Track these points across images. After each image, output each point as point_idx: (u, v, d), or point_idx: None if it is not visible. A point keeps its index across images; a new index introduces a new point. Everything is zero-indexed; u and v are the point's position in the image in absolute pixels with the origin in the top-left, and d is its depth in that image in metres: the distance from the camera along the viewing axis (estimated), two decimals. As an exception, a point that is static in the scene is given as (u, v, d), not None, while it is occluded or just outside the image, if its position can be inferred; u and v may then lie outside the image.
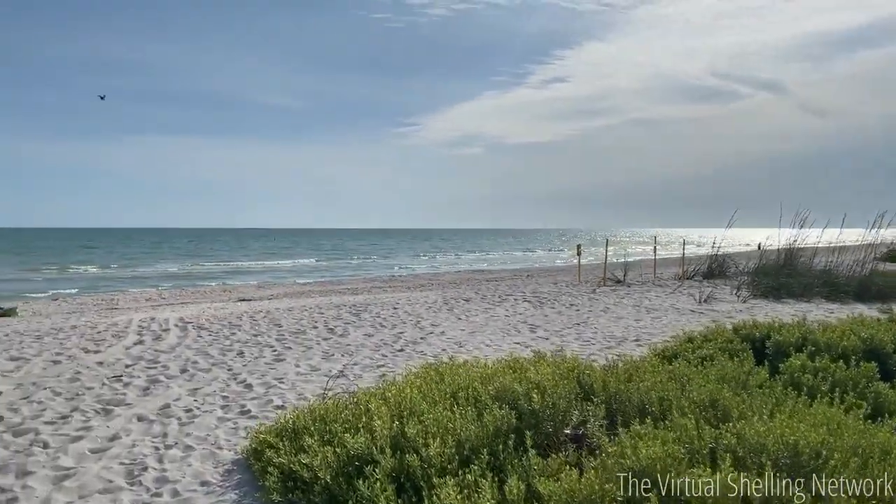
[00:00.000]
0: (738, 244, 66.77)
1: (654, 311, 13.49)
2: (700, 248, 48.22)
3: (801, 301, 15.20)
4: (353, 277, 40.59)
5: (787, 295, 15.75)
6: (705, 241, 74.95)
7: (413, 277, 38.47)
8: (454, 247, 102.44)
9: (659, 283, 20.13)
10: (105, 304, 25.42)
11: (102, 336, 10.74)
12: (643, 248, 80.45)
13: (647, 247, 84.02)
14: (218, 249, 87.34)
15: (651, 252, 69.62)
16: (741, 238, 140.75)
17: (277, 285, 35.12)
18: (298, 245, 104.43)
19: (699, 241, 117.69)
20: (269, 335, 10.77)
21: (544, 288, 18.96)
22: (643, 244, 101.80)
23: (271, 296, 26.16)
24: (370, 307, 14.36)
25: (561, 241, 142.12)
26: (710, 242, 33.29)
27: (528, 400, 4.55)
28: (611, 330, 11.05)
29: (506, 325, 11.59)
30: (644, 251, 70.78)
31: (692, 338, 8.31)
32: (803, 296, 15.71)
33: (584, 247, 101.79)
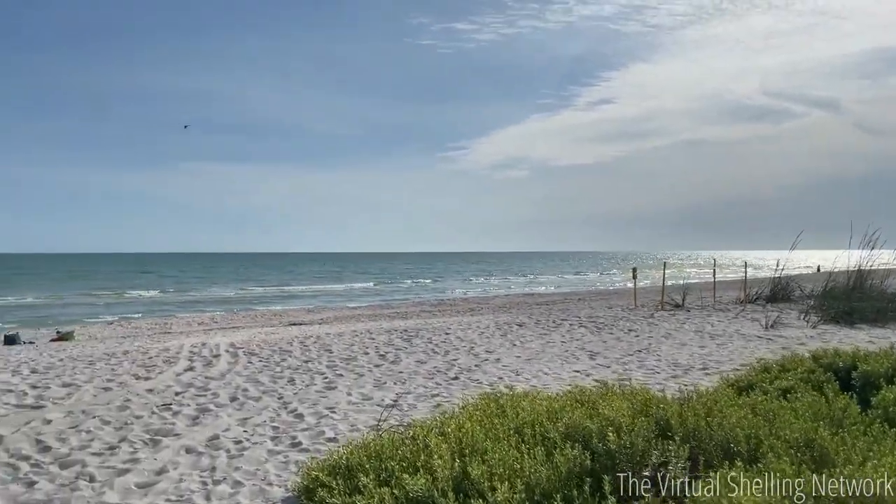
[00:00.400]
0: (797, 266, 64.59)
1: (719, 337, 12.85)
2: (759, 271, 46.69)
3: (875, 326, 14.35)
4: (402, 301, 40.44)
5: (860, 320, 14.90)
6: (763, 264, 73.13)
7: (462, 301, 38.11)
8: (503, 270, 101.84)
9: (720, 307, 19.36)
10: (158, 328, 25.69)
11: (154, 362, 10.65)
12: (697, 271, 78.60)
13: (702, 270, 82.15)
14: (269, 273, 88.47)
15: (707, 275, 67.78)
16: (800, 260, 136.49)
17: (327, 309, 35.16)
18: (347, 269, 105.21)
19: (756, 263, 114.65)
20: (319, 361, 10.53)
21: (600, 312, 18.40)
22: (697, 267, 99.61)
23: (321, 320, 26.10)
24: (422, 332, 14.05)
25: (611, 263, 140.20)
26: (768, 265, 31.78)
27: (603, 439, 4.14)
28: (675, 357, 10.50)
29: (563, 352, 11.13)
30: (698, 274, 69.13)
31: (768, 367, 7.75)
32: (877, 321, 14.84)
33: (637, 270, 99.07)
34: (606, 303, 27.14)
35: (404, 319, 21.52)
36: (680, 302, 19.48)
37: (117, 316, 32.95)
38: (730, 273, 68.51)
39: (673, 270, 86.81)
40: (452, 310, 28.33)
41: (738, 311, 17.93)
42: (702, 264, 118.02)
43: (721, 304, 20.32)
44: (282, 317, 29.90)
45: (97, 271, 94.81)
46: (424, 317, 23.24)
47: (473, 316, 19.84)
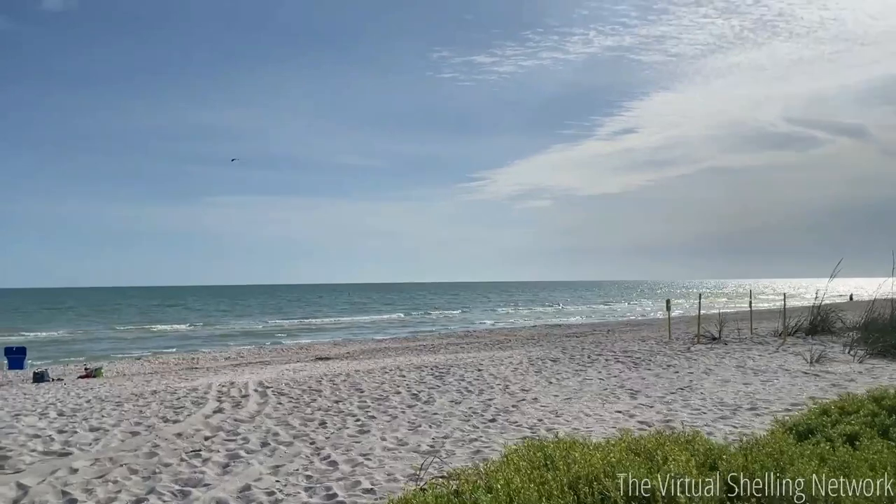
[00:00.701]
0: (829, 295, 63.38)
1: (762, 373, 12.35)
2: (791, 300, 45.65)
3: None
4: (428, 333, 40.09)
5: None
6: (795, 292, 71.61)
7: (489, 333, 37.68)
8: (528, 300, 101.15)
9: (758, 339, 18.78)
10: (186, 363, 25.59)
11: (182, 402, 10.42)
12: (727, 301, 77.32)
13: (733, 299, 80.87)
14: (294, 306, 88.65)
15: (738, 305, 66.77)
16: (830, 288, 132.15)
17: (353, 342, 34.93)
18: (371, 300, 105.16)
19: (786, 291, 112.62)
20: (350, 402, 10.23)
21: (634, 346, 17.93)
22: (727, 296, 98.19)
23: (348, 354, 25.84)
24: (453, 369, 13.71)
25: (637, 293, 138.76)
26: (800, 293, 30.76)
27: (671, 501, 3.79)
28: (719, 396, 10.05)
29: (602, 390, 10.73)
30: (728, 303, 67.93)
31: (826, 409, 7.30)
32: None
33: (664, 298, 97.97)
34: (638, 335, 26.57)
35: (433, 354, 21.18)
36: (716, 334, 18.93)
37: (145, 351, 32.99)
38: (762, 302, 67.24)
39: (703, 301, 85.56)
40: (480, 342, 27.93)
41: (778, 344, 17.36)
42: (731, 294, 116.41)
43: (759, 336, 19.73)
44: (308, 350, 29.70)
45: (125, 305, 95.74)
46: (453, 350, 22.88)
47: (504, 350, 19.45)
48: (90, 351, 33.88)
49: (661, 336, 22.74)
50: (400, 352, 25.00)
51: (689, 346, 17.42)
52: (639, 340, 20.98)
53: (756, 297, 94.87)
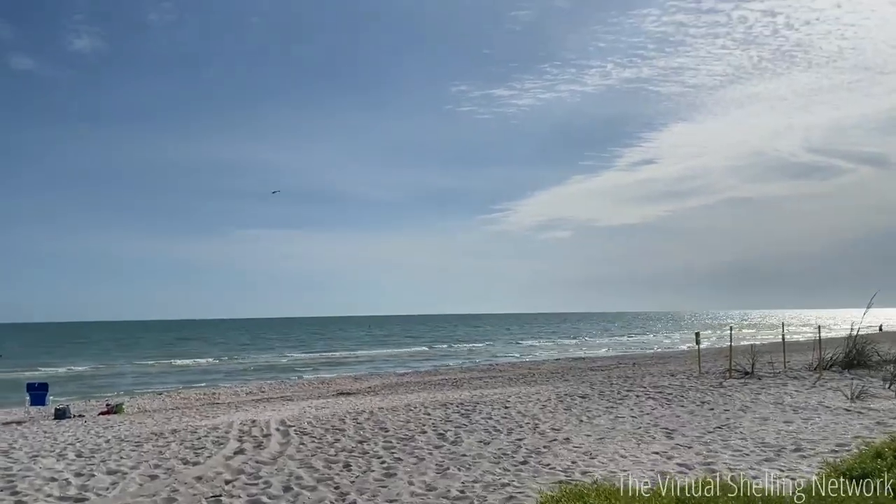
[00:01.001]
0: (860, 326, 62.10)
1: (802, 411, 11.85)
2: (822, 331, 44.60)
3: (972, 396, 13.15)
4: (451, 367, 39.61)
5: (954, 388, 13.70)
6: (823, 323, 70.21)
7: (512, 366, 37.15)
8: (550, 332, 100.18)
9: (792, 373, 18.20)
10: (207, 398, 25.37)
11: (202, 443, 10.15)
12: (753, 332, 76.01)
13: (759, 331, 79.47)
14: (315, 339, 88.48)
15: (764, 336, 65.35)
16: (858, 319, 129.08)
17: (375, 376, 34.56)
18: (393, 332, 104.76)
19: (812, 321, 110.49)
20: (375, 442, 9.91)
21: (663, 381, 17.44)
22: (751, 327, 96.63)
23: (370, 389, 25.50)
24: (479, 406, 13.34)
25: (660, 324, 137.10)
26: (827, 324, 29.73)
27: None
28: (760, 435, 9.60)
29: (636, 429, 10.31)
30: (754, 335, 66.72)
31: (880, 452, 6.88)
32: (974, 389, 13.62)
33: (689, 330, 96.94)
34: (665, 368, 26.00)
35: (457, 389, 20.79)
36: (749, 368, 18.38)
37: (167, 386, 32.85)
38: (789, 334, 65.91)
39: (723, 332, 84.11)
40: (504, 377, 27.46)
41: (815, 378, 16.79)
42: (757, 325, 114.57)
43: (793, 370, 19.14)
44: (330, 385, 29.38)
45: (147, 339, 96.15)
46: (477, 385, 22.46)
47: (530, 385, 19.01)
48: (112, 386, 33.82)
49: (690, 370, 22.19)
50: (423, 386, 24.62)
51: (722, 380, 16.90)
52: (668, 375, 20.46)
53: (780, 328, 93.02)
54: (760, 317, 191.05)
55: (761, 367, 19.51)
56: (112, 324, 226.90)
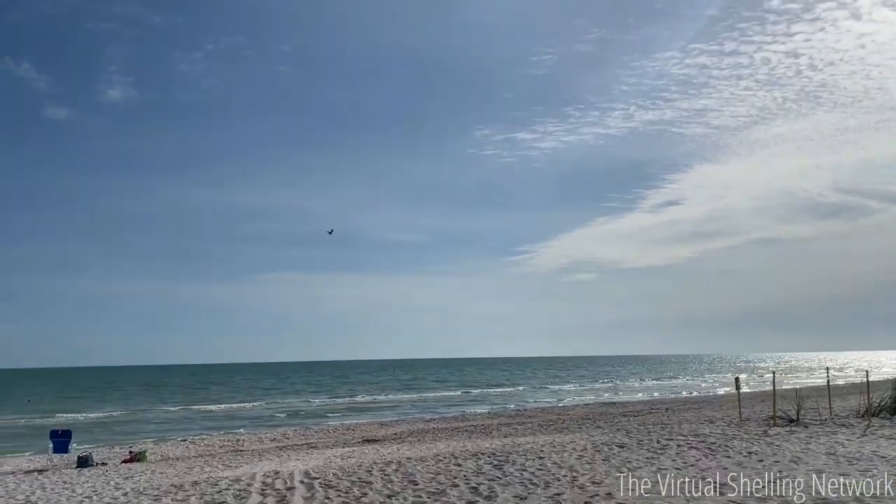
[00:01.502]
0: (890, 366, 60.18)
1: (857, 462, 11.09)
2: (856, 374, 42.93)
3: None
4: (478, 413, 38.76)
5: None
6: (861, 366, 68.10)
7: (541, 412, 36.25)
8: (579, 375, 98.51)
9: (839, 420, 17.31)
10: (231, 445, 24.91)
11: (223, 496, 9.67)
12: (787, 376, 73.92)
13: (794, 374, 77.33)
14: (340, 383, 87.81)
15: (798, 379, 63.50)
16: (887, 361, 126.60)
17: (401, 422, 33.87)
18: (418, 377, 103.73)
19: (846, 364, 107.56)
20: (404, 497, 9.36)
21: (703, 428, 16.65)
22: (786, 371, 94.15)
23: (396, 436, 24.86)
24: (512, 456, 12.72)
25: (690, 367, 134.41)
26: (862, 367, 28.35)
27: None
28: (817, 490, 8.90)
29: (682, 483, 9.64)
30: (788, 378, 64.83)
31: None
32: None
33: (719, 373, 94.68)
34: (701, 414, 25.10)
35: (487, 437, 20.11)
36: (794, 415, 17.51)
37: (191, 432, 32.44)
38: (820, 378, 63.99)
39: (753, 375, 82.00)
40: (534, 423, 26.69)
41: (864, 426, 15.91)
42: (790, 367, 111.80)
43: (839, 416, 18.23)
44: (355, 431, 28.77)
45: (172, 383, 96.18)
46: (507, 432, 21.75)
47: (563, 433, 18.30)
48: (137, 432, 33.51)
49: (728, 416, 21.33)
50: (450, 433, 23.94)
51: (766, 428, 16.08)
52: (706, 422, 19.62)
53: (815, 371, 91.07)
54: (794, 359, 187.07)
55: (805, 413, 18.63)
56: (137, 368, 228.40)
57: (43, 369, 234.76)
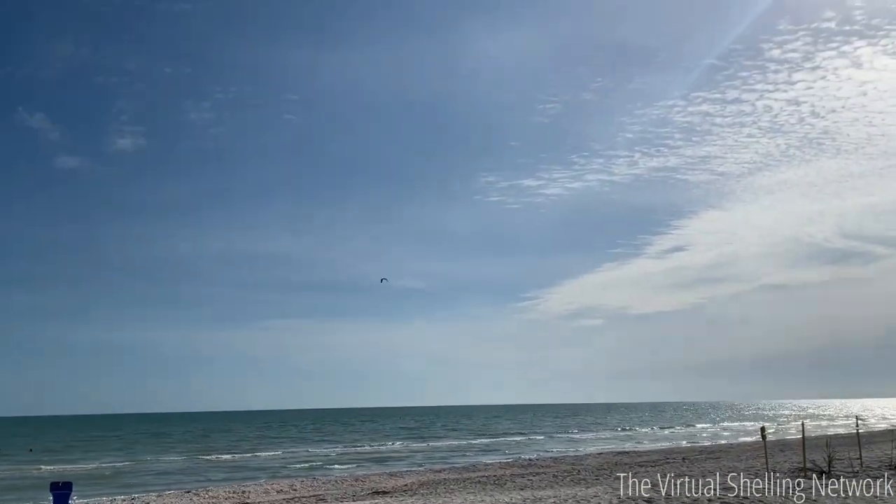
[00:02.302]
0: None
1: (904, 519, 10.45)
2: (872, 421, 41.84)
3: None
4: (490, 463, 37.79)
5: None
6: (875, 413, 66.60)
7: (554, 461, 35.30)
8: (590, 423, 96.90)
9: (871, 472, 16.57)
10: (236, 497, 24.15)
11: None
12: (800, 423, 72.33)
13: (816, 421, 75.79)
14: (346, 431, 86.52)
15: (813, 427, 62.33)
16: None
17: (410, 472, 32.96)
18: (425, 425, 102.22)
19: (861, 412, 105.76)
20: (425, 558, 8.75)
21: (731, 481, 15.91)
22: (799, 418, 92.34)
23: (406, 487, 24.07)
24: (534, 512, 12.08)
25: (701, 415, 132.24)
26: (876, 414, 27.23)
27: None
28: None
29: (721, 544, 9.02)
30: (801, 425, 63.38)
31: None
32: None
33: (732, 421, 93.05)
34: (721, 465, 24.29)
35: (501, 490, 19.35)
36: (825, 466, 16.78)
37: (194, 483, 31.58)
38: (839, 426, 62.71)
39: (772, 422, 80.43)
40: (548, 473, 25.85)
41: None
42: (806, 414, 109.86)
43: (870, 468, 17.49)
44: (364, 482, 27.92)
45: (174, 432, 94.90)
46: (522, 484, 20.98)
47: (583, 486, 17.57)
48: (139, 483, 32.68)
49: (750, 467, 20.60)
50: (462, 485, 23.14)
51: (799, 481, 15.36)
52: (730, 473, 18.84)
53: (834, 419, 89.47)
54: (807, 406, 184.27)
55: (834, 462, 17.87)
56: (138, 416, 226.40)
57: (42, 417, 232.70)
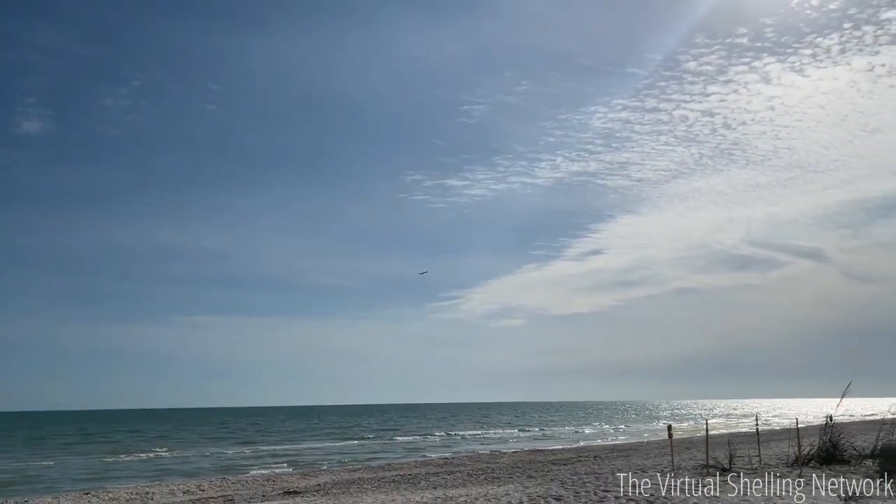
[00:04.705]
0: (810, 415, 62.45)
1: (797, 514, 10.87)
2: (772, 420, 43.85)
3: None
4: (404, 461, 37.64)
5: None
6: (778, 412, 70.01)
7: (469, 460, 35.43)
8: (504, 422, 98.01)
9: (770, 469, 17.26)
10: (139, 499, 23.24)
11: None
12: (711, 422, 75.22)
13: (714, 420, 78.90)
14: (260, 430, 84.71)
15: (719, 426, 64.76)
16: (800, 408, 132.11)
17: (324, 472, 32.48)
18: (343, 423, 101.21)
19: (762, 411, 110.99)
20: (330, 560, 8.51)
21: (638, 478, 16.27)
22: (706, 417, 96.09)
23: (318, 487, 23.64)
24: (445, 511, 11.99)
25: (614, 414, 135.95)
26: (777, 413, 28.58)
27: None
28: (765, 547, 8.55)
29: (626, 541, 9.14)
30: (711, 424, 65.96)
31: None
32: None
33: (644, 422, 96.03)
34: (631, 462, 24.86)
35: (415, 489, 19.23)
36: (726, 464, 17.38)
37: (96, 483, 30.19)
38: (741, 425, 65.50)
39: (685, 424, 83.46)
40: (463, 471, 25.89)
41: (795, 475, 15.87)
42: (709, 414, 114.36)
43: (769, 465, 18.21)
44: (275, 483, 27.29)
45: (75, 431, 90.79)
46: (436, 483, 20.90)
47: (496, 484, 17.62)
48: (33, 486, 31.03)
49: (657, 465, 21.15)
50: (376, 484, 22.90)
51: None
52: (638, 471, 19.29)
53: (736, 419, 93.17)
54: (712, 406, 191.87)
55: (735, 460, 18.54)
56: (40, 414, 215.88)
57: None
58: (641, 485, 14.86)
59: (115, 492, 25.56)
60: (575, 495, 13.42)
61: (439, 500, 14.03)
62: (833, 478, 14.62)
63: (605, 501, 12.61)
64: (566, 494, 13.59)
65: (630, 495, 13.22)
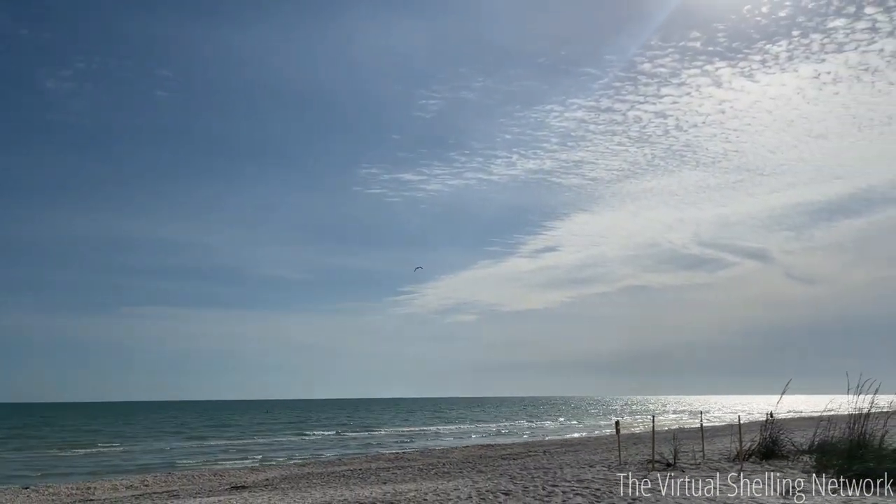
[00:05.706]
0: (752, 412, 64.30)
1: (737, 508, 11.16)
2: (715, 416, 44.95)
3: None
4: (355, 455, 37.51)
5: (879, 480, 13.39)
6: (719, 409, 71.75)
7: (420, 454, 35.50)
8: (456, 417, 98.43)
9: (713, 464, 17.67)
10: (80, 494, 22.67)
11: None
12: (658, 418, 76.79)
13: (661, 416, 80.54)
14: (208, 424, 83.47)
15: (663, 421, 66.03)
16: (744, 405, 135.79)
17: (273, 466, 32.21)
18: (293, 417, 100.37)
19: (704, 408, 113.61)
20: (275, 556, 8.42)
21: (585, 473, 16.51)
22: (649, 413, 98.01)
23: (267, 481, 23.40)
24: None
25: (564, 409, 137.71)
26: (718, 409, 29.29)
27: None
28: (705, 540, 8.75)
29: (571, 535, 9.26)
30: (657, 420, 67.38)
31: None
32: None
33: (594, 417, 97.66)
34: (579, 457, 25.16)
35: (365, 483, 19.17)
36: (671, 459, 17.73)
37: (33, 479, 29.37)
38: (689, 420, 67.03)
39: (636, 418, 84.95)
40: (414, 466, 25.89)
41: (737, 470, 16.28)
42: (657, 410, 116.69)
43: (711, 460, 18.65)
44: (223, 477, 26.92)
45: (14, 424, 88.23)
46: (386, 478, 20.87)
47: (445, 479, 17.67)
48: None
49: (605, 459, 21.47)
50: (326, 479, 22.76)
51: (645, 473, 16.13)
52: (586, 465, 19.56)
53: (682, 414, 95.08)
54: (660, 402, 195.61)
55: (679, 456, 18.93)
56: None
57: None
58: (588, 479, 15.08)
59: (56, 487, 24.89)
60: (524, 490, 13.53)
61: (388, 494, 14.01)
62: (772, 472, 15.04)
63: (553, 495, 12.75)
64: (515, 489, 13.70)
65: (577, 490, 13.39)
